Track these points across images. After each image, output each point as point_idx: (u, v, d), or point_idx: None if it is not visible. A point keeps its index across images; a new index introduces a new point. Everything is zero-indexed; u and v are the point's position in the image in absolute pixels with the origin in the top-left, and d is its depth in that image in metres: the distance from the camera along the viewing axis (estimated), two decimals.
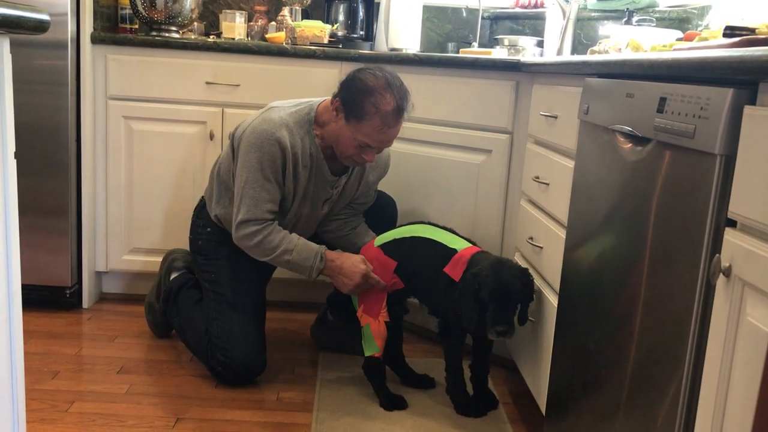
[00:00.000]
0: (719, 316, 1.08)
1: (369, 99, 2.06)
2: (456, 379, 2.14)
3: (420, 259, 2.14)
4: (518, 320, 2.02)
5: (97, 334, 2.60)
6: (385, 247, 2.18)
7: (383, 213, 2.49)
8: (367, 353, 2.16)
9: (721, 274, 1.06)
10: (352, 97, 2.09)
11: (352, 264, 2.15)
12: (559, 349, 1.82)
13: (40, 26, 1.09)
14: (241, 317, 2.25)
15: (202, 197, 2.41)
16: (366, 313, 2.15)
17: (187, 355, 2.43)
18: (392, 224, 2.49)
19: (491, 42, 3.26)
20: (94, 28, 2.68)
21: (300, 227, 2.31)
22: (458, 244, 2.12)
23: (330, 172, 2.25)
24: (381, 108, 2.06)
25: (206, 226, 2.34)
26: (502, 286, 1.94)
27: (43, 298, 2.73)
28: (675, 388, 1.20)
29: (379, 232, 2.35)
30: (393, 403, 2.15)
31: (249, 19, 3.10)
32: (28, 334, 2.48)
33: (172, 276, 2.49)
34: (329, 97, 2.20)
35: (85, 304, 2.82)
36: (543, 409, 1.93)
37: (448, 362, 2.15)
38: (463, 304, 1.99)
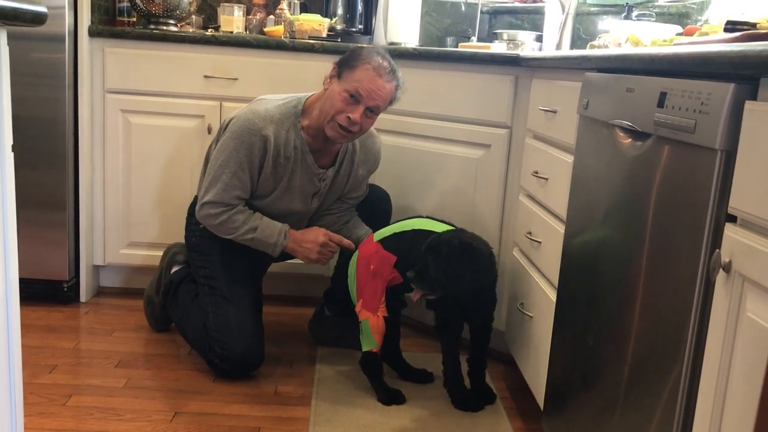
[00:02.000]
0: (719, 312, 1.08)
1: (362, 54, 2.16)
2: (453, 373, 2.14)
3: (420, 252, 2.13)
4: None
5: (94, 327, 2.59)
6: (385, 242, 2.18)
7: (377, 206, 2.49)
8: (365, 348, 2.15)
9: (721, 270, 1.06)
10: (346, 57, 2.19)
11: (312, 231, 2.27)
12: (557, 343, 1.82)
13: (38, 18, 1.09)
14: (237, 310, 2.25)
15: (196, 196, 2.41)
16: (365, 308, 2.14)
17: (185, 348, 2.43)
18: (386, 217, 2.50)
19: (490, 36, 3.25)
20: (91, 21, 2.67)
21: (291, 223, 2.31)
22: None
23: (316, 165, 2.25)
24: (373, 60, 2.14)
25: (198, 222, 2.34)
26: (435, 242, 2.03)
27: (41, 292, 2.73)
28: (673, 383, 1.20)
29: (373, 226, 2.36)
30: (391, 397, 2.15)
31: (247, 12, 3.09)
32: (25, 327, 2.47)
33: (173, 269, 2.50)
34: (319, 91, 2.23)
35: (83, 297, 2.81)
36: (541, 403, 1.93)
37: (445, 356, 2.15)
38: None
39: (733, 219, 1.08)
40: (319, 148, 2.24)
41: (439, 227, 2.16)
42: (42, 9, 1.09)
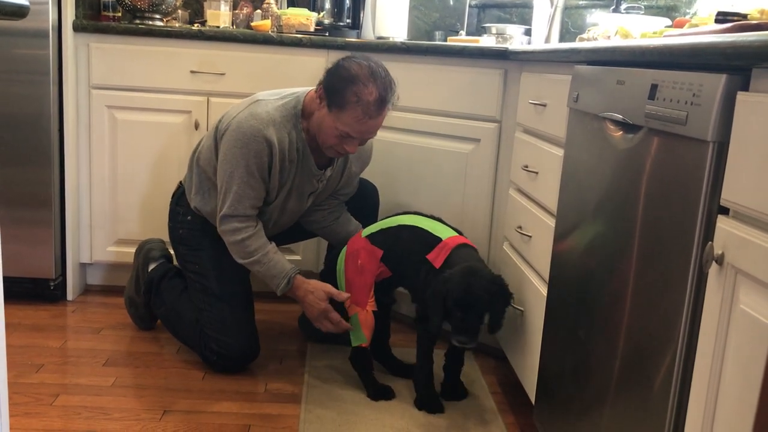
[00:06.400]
0: (712, 304, 1.08)
1: (351, 88, 2.02)
2: (423, 366, 2.11)
3: (405, 246, 2.12)
4: (489, 328, 1.99)
5: (81, 326, 2.57)
6: (372, 237, 2.17)
7: (365, 200, 2.48)
8: (354, 343, 2.14)
9: (713, 262, 1.06)
10: (334, 85, 2.05)
11: (314, 299, 2.15)
12: (548, 338, 1.82)
13: (19, 11, 1.06)
14: (231, 306, 2.24)
15: (181, 183, 2.37)
16: (353, 302, 2.14)
17: (173, 346, 2.41)
18: (374, 211, 2.49)
19: (479, 30, 3.25)
20: (76, 15, 2.64)
21: (283, 220, 2.29)
22: (444, 232, 2.11)
23: (316, 165, 2.22)
24: (362, 98, 2.01)
25: (186, 214, 2.31)
26: (469, 297, 1.91)
27: (27, 291, 2.70)
28: (666, 377, 1.20)
29: (361, 220, 2.35)
30: (380, 393, 2.14)
31: (234, 6, 3.06)
32: (11, 327, 2.44)
33: (151, 267, 2.46)
34: (315, 87, 2.17)
35: (70, 296, 2.79)
36: (532, 398, 1.93)
37: (419, 349, 2.12)
38: (430, 306, 1.98)
39: (725, 211, 1.08)
40: (317, 147, 2.20)
41: (427, 223, 2.15)
42: (24, 2, 1.07)
